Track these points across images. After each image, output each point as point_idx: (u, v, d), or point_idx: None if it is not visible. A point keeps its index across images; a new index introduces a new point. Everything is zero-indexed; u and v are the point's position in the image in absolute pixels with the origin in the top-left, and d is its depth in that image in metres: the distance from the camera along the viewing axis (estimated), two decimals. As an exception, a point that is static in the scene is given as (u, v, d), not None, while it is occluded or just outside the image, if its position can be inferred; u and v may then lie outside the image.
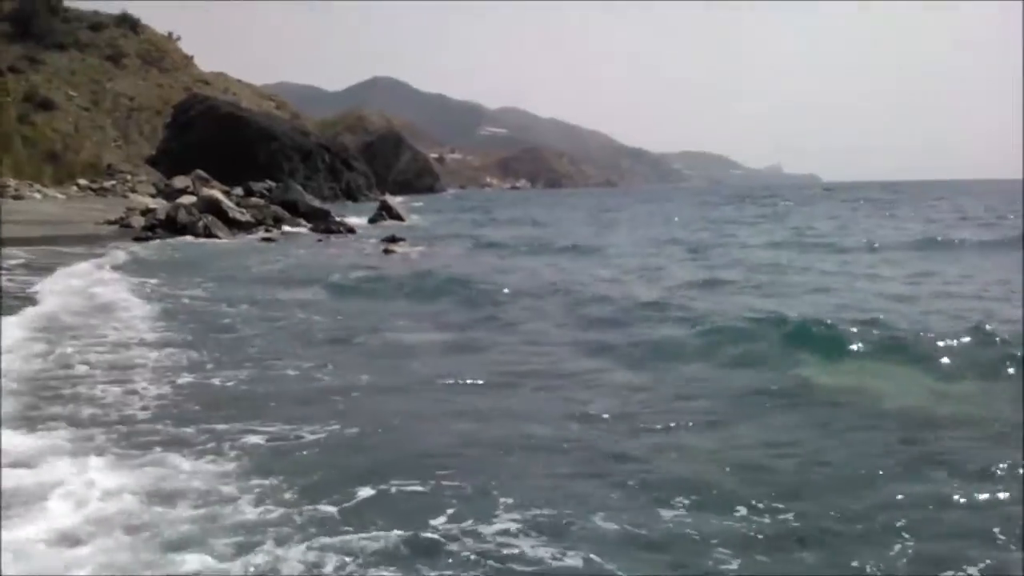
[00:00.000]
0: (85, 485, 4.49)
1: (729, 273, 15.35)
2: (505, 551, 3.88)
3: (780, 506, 4.34)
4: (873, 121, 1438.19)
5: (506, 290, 12.93)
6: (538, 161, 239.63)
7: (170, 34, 79.22)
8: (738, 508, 4.32)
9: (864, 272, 15.39)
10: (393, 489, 4.62)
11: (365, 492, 4.56)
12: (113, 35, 71.12)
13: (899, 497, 4.45)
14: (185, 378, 7.23)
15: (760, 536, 4.02)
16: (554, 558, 3.81)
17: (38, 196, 38.52)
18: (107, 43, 69.77)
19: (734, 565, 3.76)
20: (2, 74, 57.23)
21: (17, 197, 36.06)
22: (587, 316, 10.75)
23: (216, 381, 7.18)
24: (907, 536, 3.99)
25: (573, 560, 3.79)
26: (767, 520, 4.19)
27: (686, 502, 4.41)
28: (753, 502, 4.37)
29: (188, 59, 78.32)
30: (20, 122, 50.46)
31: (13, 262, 16.17)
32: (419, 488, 4.65)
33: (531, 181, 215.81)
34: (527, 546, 3.92)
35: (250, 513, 4.25)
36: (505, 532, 4.07)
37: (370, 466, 4.99)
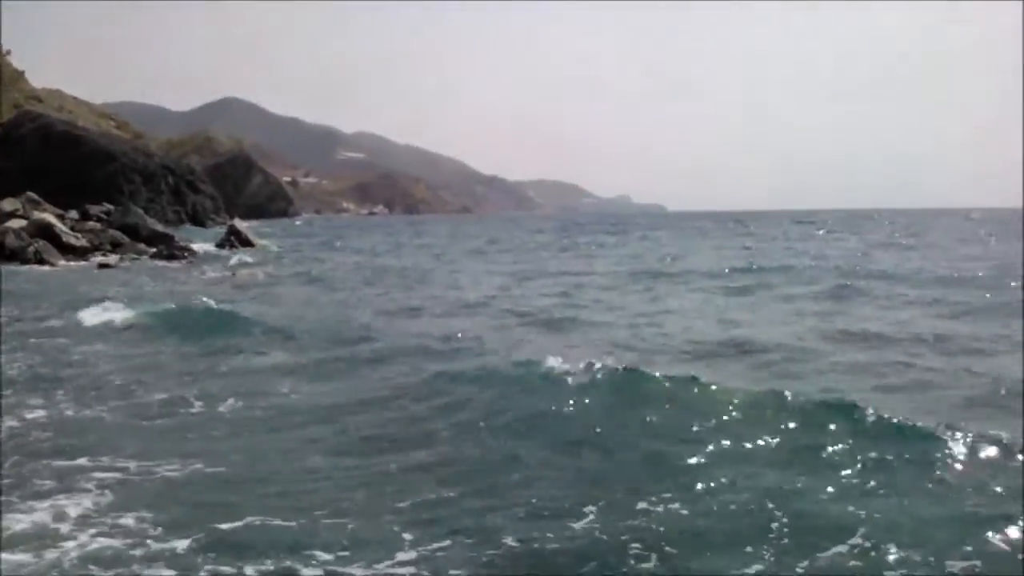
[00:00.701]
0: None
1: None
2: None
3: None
4: (718, 150, 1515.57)
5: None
6: (395, 187, 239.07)
7: (-1, 47, 74.38)
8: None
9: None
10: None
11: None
12: (-69, 45, 66.33)
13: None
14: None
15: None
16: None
17: None
18: (-76, 54, 65.00)
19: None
20: None
21: None
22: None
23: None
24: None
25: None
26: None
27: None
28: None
29: (19, 74, 73.74)
30: None
31: None
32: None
33: (388, 207, 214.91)
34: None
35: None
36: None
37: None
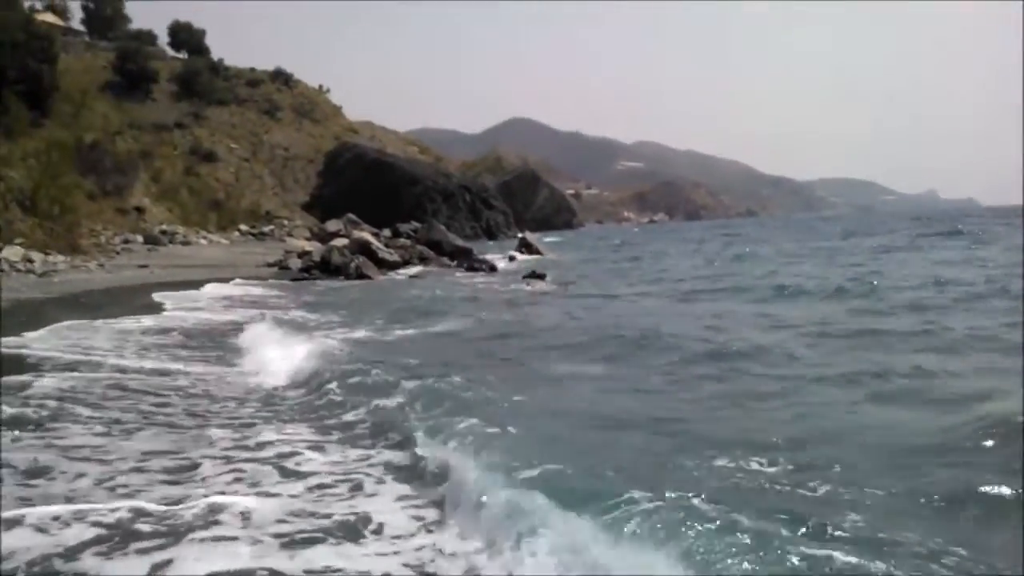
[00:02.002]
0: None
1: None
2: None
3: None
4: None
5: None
6: (675, 194, 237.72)
7: (320, 87, 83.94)
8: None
9: None
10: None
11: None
12: (269, 90, 76.05)
13: None
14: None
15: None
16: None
17: (204, 242, 41.49)
18: (263, 98, 74.65)
19: None
20: (170, 129, 62.26)
21: (185, 243, 38.97)
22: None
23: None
24: None
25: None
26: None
27: None
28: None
29: (337, 109, 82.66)
30: (186, 173, 54.56)
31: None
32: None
33: (669, 213, 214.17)
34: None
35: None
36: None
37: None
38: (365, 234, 33.01)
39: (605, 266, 31.32)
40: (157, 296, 18.59)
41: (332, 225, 39.47)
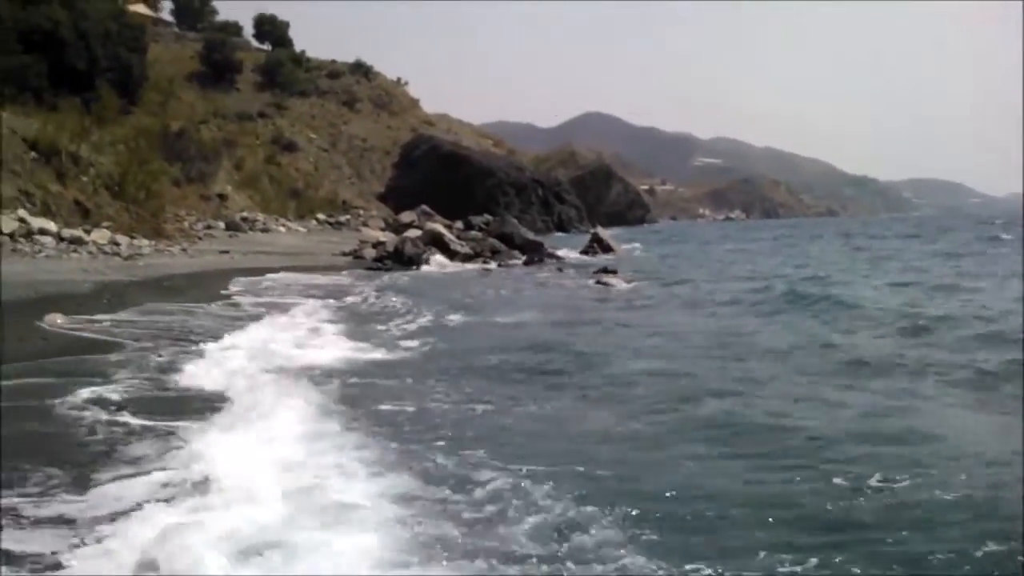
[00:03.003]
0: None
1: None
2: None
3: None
4: None
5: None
6: (753, 191, 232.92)
7: (398, 79, 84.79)
8: None
9: None
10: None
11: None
12: (348, 82, 77.14)
13: None
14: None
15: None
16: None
17: (282, 230, 42.32)
18: (343, 89, 75.76)
19: None
20: (253, 119, 63.80)
21: (265, 230, 39.82)
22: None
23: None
24: None
25: None
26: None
27: None
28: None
29: (414, 102, 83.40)
30: (267, 162, 55.78)
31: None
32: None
33: (745, 211, 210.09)
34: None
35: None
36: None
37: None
38: (438, 226, 33.32)
39: (676, 262, 30.98)
40: (233, 287, 19.11)
41: (406, 216, 39.98)
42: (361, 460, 5.81)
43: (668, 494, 5.26)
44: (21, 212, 20.27)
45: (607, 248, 36.22)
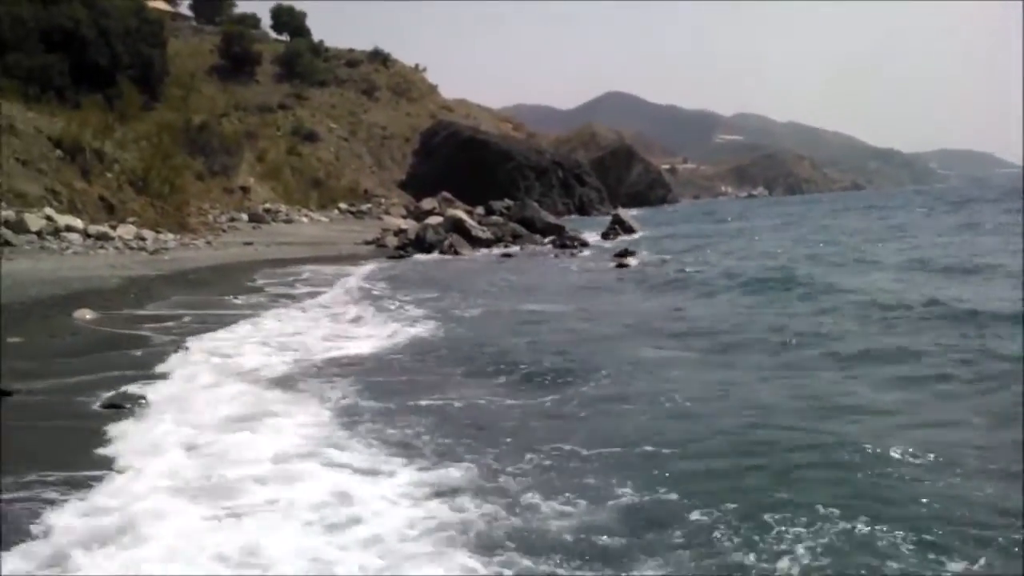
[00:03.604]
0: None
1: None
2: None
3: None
4: None
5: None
6: (776, 167, 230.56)
7: (416, 66, 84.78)
8: None
9: None
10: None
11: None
12: (367, 70, 77.24)
13: None
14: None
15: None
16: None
17: (305, 220, 42.61)
18: (362, 78, 75.88)
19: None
20: (274, 111, 64.15)
21: (287, 221, 40.10)
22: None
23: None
24: None
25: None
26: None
27: None
28: None
29: (433, 88, 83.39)
30: (289, 153, 56.09)
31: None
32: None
33: (768, 188, 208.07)
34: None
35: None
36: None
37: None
38: (459, 212, 33.43)
39: (698, 242, 30.80)
40: (260, 279, 19.30)
41: (427, 203, 40.13)
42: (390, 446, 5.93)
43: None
44: (48, 210, 20.61)
45: (629, 229, 36.12)
